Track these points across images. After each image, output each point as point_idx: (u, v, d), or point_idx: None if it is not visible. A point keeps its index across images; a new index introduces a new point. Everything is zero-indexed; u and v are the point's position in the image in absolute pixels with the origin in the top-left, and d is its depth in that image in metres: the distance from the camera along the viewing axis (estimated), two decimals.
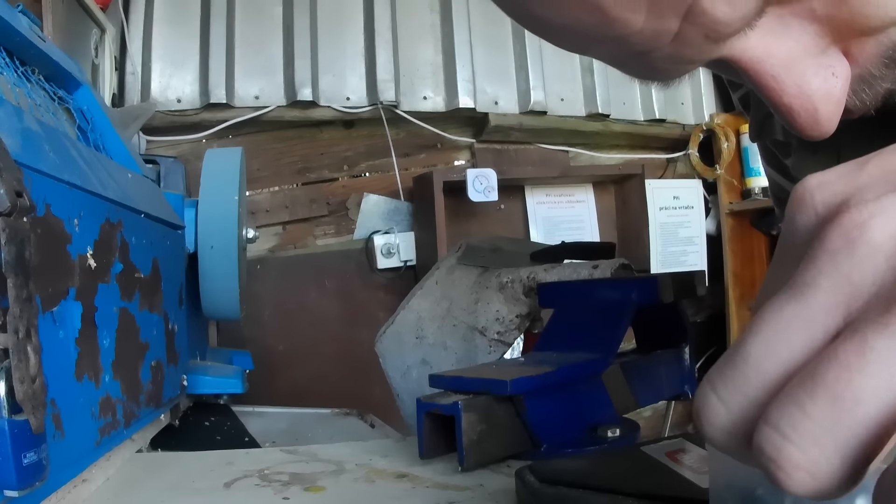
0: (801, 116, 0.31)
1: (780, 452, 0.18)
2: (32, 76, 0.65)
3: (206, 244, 0.91)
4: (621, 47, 0.30)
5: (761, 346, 0.20)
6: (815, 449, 0.17)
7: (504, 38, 2.01)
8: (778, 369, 0.19)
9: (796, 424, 0.18)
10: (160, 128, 1.70)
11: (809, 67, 0.30)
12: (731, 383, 0.20)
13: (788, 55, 0.30)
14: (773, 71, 0.30)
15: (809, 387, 0.18)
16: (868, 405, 0.17)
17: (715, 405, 0.20)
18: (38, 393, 0.38)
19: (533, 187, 2.06)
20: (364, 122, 1.90)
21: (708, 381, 0.20)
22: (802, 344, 0.19)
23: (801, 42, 0.30)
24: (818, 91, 0.30)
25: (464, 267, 0.77)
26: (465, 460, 0.48)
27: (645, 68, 0.32)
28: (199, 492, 0.49)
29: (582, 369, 0.55)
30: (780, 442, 0.18)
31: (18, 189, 0.37)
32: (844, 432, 0.17)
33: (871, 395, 0.17)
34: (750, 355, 0.20)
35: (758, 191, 2.13)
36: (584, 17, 0.29)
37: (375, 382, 1.32)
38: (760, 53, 0.30)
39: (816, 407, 0.18)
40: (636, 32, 0.29)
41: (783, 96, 0.31)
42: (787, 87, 0.30)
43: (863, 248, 0.19)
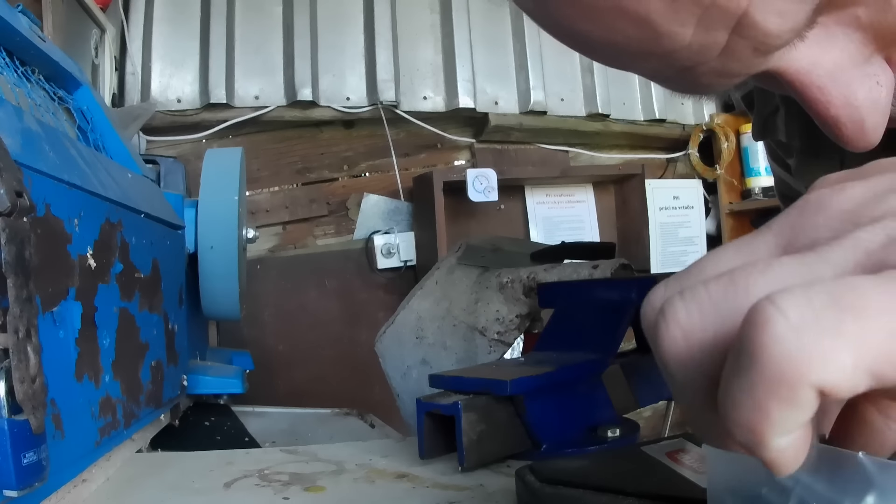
0: (847, 128, 0.30)
1: (669, 306, 0.19)
2: (32, 76, 0.65)
3: (206, 244, 0.91)
4: (666, 63, 0.29)
5: (708, 259, 0.21)
6: (697, 313, 0.19)
7: (504, 38, 2.01)
8: (714, 271, 0.20)
9: (694, 290, 0.19)
10: (160, 128, 1.70)
11: (855, 77, 0.30)
12: (675, 279, 0.21)
13: (834, 65, 0.30)
14: (820, 82, 0.30)
15: (720, 274, 0.19)
16: (752, 298, 0.18)
17: (659, 290, 0.21)
18: (38, 393, 0.37)
19: (533, 187, 2.06)
20: (364, 122, 1.90)
21: (662, 281, 0.22)
22: (751, 256, 0.21)
23: (846, 51, 0.30)
24: (864, 101, 0.30)
25: (464, 267, 0.77)
26: (465, 460, 0.48)
27: (689, 83, 0.31)
28: (199, 492, 0.49)
29: (582, 369, 0.55)
30: (675, 299, 0.19)
31: (18, 189, 0.37)
32: (723, 309, 0.18)
33: (758, 293, 0.18)
34: (697, 263, 0.21)
35: (758, 191, 2.13)
36: (631, 32, 0.28)
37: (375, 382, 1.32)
38: (806, 64, 0.30)
39: (716, 284, 0.19)
40: (684, 47, 0.28)
41: (830, 108, 0.30)
42: (833, 98, 0.30)
43: (811, 206, 0.21)
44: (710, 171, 2.20)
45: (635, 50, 0.29)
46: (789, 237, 0.20)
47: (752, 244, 0.21)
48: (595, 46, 0.30)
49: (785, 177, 0.65)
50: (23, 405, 0.36)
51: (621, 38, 0.28)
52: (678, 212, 2.18)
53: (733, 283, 0.19)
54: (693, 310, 0.19)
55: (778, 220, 0.21)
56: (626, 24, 0.28)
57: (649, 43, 0.28)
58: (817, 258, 0.19)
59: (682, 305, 0.19)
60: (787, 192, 0.67)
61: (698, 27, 0.27)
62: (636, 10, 0.27)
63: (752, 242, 0.21)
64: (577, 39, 0.31)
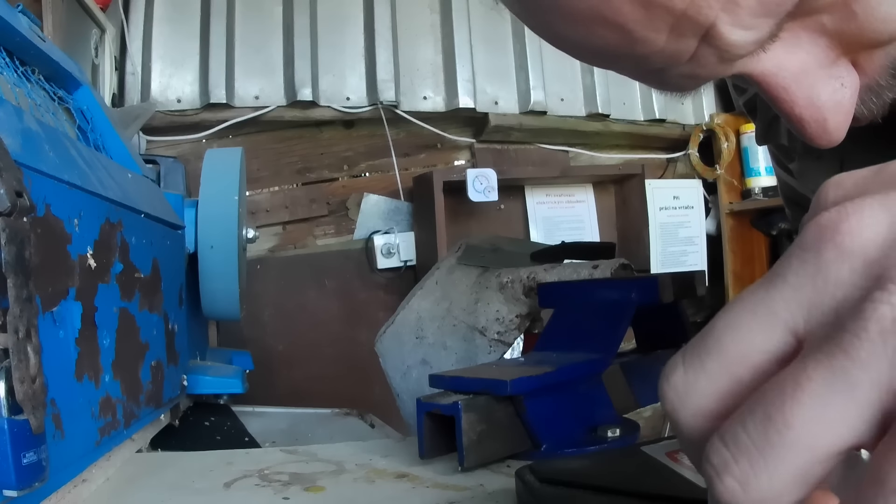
0: (811, 126, 0.32)
1: (716, 457, 0.19)
2: (32, 76, 0.65)
3: (206, 244, 0.91)
4: (642, 65, 0.31)
5: (727, 322, 0.21)
6: (745, 461, 0.19)
7: (504, 38, 2.01)
8: (737, 352, 0.20)
9: (736, 436, 0.19)
10: (160, 128, 1.70)
11: (820, 79, 0.31)
12: (695, 353, 0.21)
13: (800, 67, 0.31)
14: (785, 83, 0.31)
15: (752, 405, 0.19)
16: (796, 431, 0.18)
17: (678, 368, 0.21)
18: (38, 393, 0.37)
19: (533, 187, 2.06)
20: (364, 122, 1.90)
21: (682, 349, 0.22)
22: (761, 333, 0.20)
23: (811, 54, 0.31)
24: (828, 102, 0.31)
25: (464, 267, 0.77)
26: (465, 460, 0.48)
27: (662, 83, 0.34)
28: (199, 492, 0.49)
29: (582, 369, 0.55)
30: (720, 448, 0.19)
31: (18, 189, 0.37)
32: (771, 451, 0.18)
33: (800, 422, 0.18)
34: (716, 329, 0.21)
35: (758, 191, 2.13)
36: (609, 37, 0.30)
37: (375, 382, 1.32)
38: (772, 66, 0.31)
39: (753, 423, 0.19)
40: (657, 52, 0.30)
41: (794, 107, 0.31)
42: (798, 98, 0.31)
43: (829, 253, 0.20)
44: (710, 171, 2.20)
45: (613, 52, 0.31)
46: (811, 298, 0.20)
47: (770, 306, 0.20)
48: (580, 50, 0.33)
49: (789, 181, 0.65)
50: (23, 405, 0.36)
51: (600, 42, 0.31)
52: (678, 212, 2.18)
53: (771, 421, 0.18)
54: (743, 463, 0.19)
55: (795, 269, 0.20)
56: (604, 30, 0.30)
57: (625, 47, 0.30)
58: (849, 361, 0.18)
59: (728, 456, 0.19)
60: (792, 195, 0.67)
61: (670, 35, 0.29)
62: (614, 18, 0.29)
63: (771, 304, 0.20)
64: (561, 41, 0.33)
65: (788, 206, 0.70)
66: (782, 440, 0.18)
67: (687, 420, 0.21)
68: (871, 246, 0.19)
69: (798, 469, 0.18)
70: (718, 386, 0.21)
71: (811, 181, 0.61)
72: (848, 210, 0.20)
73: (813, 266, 0.20)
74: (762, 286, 0.21)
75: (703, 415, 0.21)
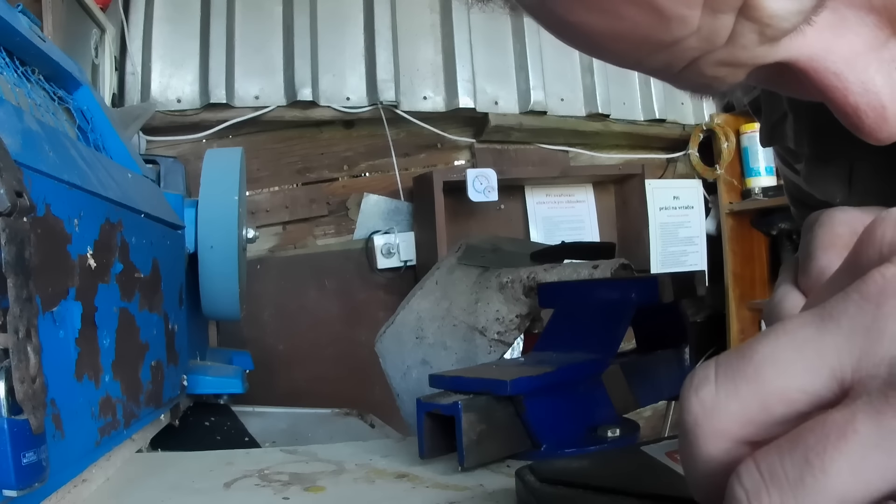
0: (868, 117, 0.28)
1: (749, 481, 0.19)
2: (32, 76, 0.65)
3: (206, 244, 0.91)
4: (675, 55, 0.28)
5: (770, 353, 0.20)
6: (777, 495, 0.19)
7: (504, 38, 2.01)
8: (776, 387, 0.20)
9: (772, 467, 0.19)
10: (160, 128, 1.70)
11: (872, 62, 0.28)
12: (731, 372, 0.21)
13: (850, 51, 0.28)
14: (836, 68, 0.28)
15: (794, 441, 0.19)
16: (832, 481, 0.18)
17: (710, 383, 0.21)
18: (38, 393, 0.37)
19: (533, 187, 2.07)
20: (364, 122, 1.90)
21: (715, 360, 0.21)
22: (805, 373, 0.20)
23: (860, 35, 0.28)
24: (884, 88, 0.28)
25: (464, 267, 0.77)
26: (465, 460, 0.48)
27: (699, 77, 0.30)
28: (199, 492, 0.49)
29: (582, 369, 0.55)
30: (754, 473, 0.19)
31: (18, 189, 0.37)
32: (804, 493, 0.18)
33: (837, 471, 0.18)
34: (757, 355, 0.21)
35: (758, 191, 2.13)
36: (638, 19, 0.27)
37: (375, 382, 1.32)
38: (819, 51, 0.28)
39: (791, 461, 0.19)
40: (692, 33, 0.27)
41: (849, 95, 0.28)
42: (851, 84, 0.28)
43: (890, 308, 0.19)
44: (710, 171, 2.20)
45: (642, 40, 0.28)
46: (864, 348, 0.19)
47: (820, 349, 0.20)
48: (600, 40, 0.29)
49: (796, 179, 0.64)
50: (23, 405, 0.36)
51: (628, 26, 0.27)
52: (678, 212, 2.18)
53: (809, 465, 0.18)
54: (775, 496, 0.19)
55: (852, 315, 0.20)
56: (631, 9, 0.27)
57: (657, 29, 0.27)
58: None
59: (762, 485, 0.19)
60: (798, 194, 0.66)
61: (705, 9, 0.26)
62: None
63: (821, 347, 0.20)
64: (580, 34, 0.29)
65: (794, 204, 0.69)
66: (816, 485, 0.18)
67: (707, 437, 0.21)
68: None
69: None
70: (749, 414, 0.20)
71: (818, 184, 0.60)
72: None
73: (871, 317, 0.19)
74: (812, 324, 0.20)
75: (725, 437, 0.21)
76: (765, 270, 2.23)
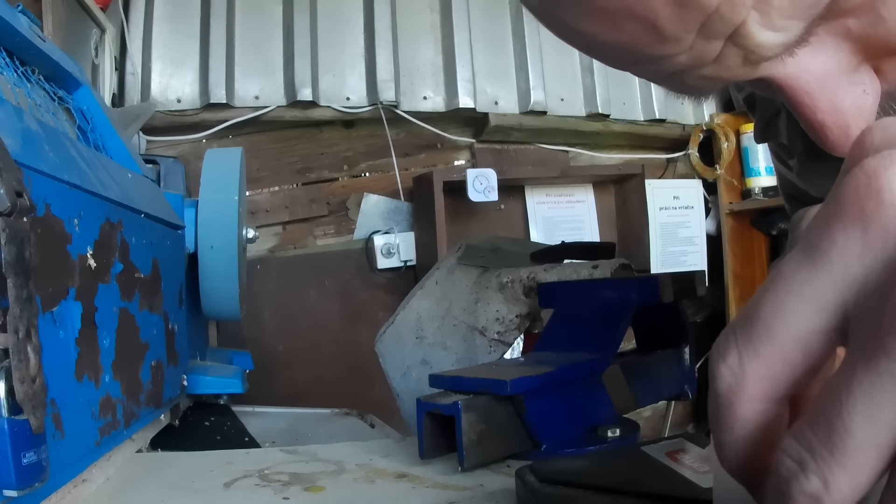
0: (833, 133, 0.31)
1: (794, 452, 0.20)
2: (32, 76, 0.65)
3: (206, 244, 0.91)
4: (664, 66, 0.30)
5: (774, 305, 0.21)
6: (823, 463, 0.19)
7: (504, 38, 2.01)
8: (788, 337, 0.21)
9: (808, 443, 0.20)
10: (160, 128, 1.70)
11: (842, 85, 0.31)
12: (746, 335, 0.22)
13: (823, 72, 0.30)
14: (808, 87, 0.31)
15: (815, 412, 0.20)
16: (859, 433, 0.19)
17: (732, 350, 0.22)
18: (38, 393, 0.38)
19: (533, 187, 2.06)
20: (364, 122, 1.90)
21: (731, 326, 0.22)
22: (811, 315, 0.21)
23: (834, 59, 0.30)
24: (850, 108, 0.31)
25: (464, 267, 0.77)
26: (465, 460, 0.48)
27: (680, 85, 0.32)
28: (199, 492, 0.49)
29: (582, 369, 0.55)
30: (799, 451, 0.20)
31: (18, 189, 0.37)
32: (843, 456, 0.19)
33: (858, 426, 0.19)
34: (763, 311, 0.22)
35: (758, 191, 2.13)
36: (638, 35, 0.29)
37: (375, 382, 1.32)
38: (795, 70, 0.30)
39: (821, 430, 0.20)
40: (684, 51, 0.29)
41: (817, 113, 0.31)
42: (820, 103, 0.31)
43: (876, 229, 0.20)
44: (710, 171, 2.20)
45: (638, 52, 0.30)
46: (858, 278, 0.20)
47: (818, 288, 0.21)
48: (599, 47, 0.31)
49: (790, 176, 0.65)
50: (23, 405, 0.36)
51: (627, 40, 0.29)
52: (678, 212, 2.18)
53: (834, 430, 0.19)
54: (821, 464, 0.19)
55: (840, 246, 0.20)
56: (634, 26, 0.29)
57: (652, 46, 0.29)
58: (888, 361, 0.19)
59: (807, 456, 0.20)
60: (792, 191, 0.67)
61: (699, 33, 0.28)
62: (646, 14, 0.28)
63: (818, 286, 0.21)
64: (581, 40, 0.31)
65: (788, 201, 0.70)
66: (847, 444, 0.19)
67: (742, 402, 0.22)
68: None
69: (875, 469, 0.19)
70: (774, 371, 0.21)
71: (812, 180, 0.61)
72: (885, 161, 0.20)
73: (860, 243, 0.20)
74: (804, 264, 0.21)
75: (759, 398, 0.21)
76: (765, 270, 2.23)
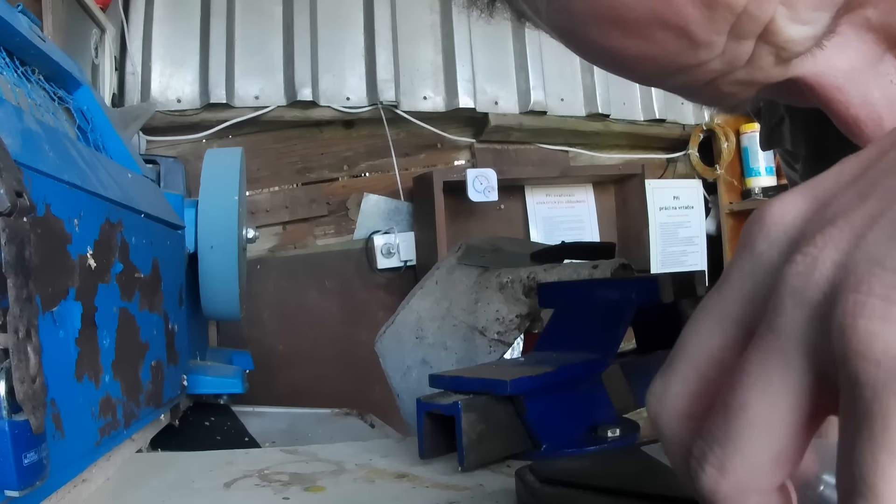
0: (867, 127, 0.31)
1: (697, 450, 0.21)
2: (32, 76, 0.65)
3: (206, 244, 0.91)
4: (698, 75, 0.30)
5: (690, 328, 0.23)
6: (718, 448, 0.20)
7: (504, 38, 2.01)
8: (699, 353, 0.22)
9: (709, 430, 0.21)
10: (160, 128, 1.70)
11: (870, 77, 0.30)
12: (668, 359, 0.23)
13: (850, 66, 0.30)
14: (838, 83, 0.30)
15: (716, 403, 0.21)
16: (751, 411, 0.19)
17: (658, 381, 0.23)
18: (38, 393, 0.38)
19: (533, 187, 2.06)
20: (364, 122, 1.90)
21: (661, 369, 0.23)
22: (715, 331, 0.22)
23: (859, 52, 0.30)
24: (881, 100, 0.30)
25: (464, 267, 0.77)
26: (465, 460, 0.48)
27: (716, 93, 0.32)
28: (199, 492, 0.49)
29: (582, 369, 0.55)
30: (699, 443, 0.21)
31: (18, 189, 0.37)
32: (736, 434, 0.20)
33: (751, 403, 0.19)
34: (682, 335, 0.23)
35: (758, 191, 2.13)
36: (669, 44, 0.29)
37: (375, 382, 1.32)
38: (823, 67, 0.30)
39: (718, 414, 0.20)
40: (717, 56, 0.29)
41: (850, 108, 0.31)
42: (852, 97, 0.30)
43: (760, 244, 0.21)
44: (710, 171, 2.20)
45: (670, 63, 0.30)
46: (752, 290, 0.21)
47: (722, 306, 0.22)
48: (628, 62, 0.31)
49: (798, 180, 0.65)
50: (23, 405, 0.36)
51: (658, 50, 0.29)
52: (678, 212, 2.18)
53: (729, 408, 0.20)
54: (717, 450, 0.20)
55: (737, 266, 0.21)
56: (664, 35, 0.29)
57: (685, 54, 0.29)
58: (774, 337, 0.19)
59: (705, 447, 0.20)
60: None
61: (731, 35, 0.28)
62: (675, 20, 0.28)
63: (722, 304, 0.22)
64: (610, 56, 0.31)
65: None
66: (741, 423, 0.20)
67: (667, 422, 0.22)
68: (791, 224, 0.20)
69: (765, 447, 0.19)
70: (690, 387, 0.22)
71: None
72: (771, 202, 0.21)
73: (749, 260, 0.21)
74: (715, 290, 0.22)
75: (681, 415, 0.22)
76: None
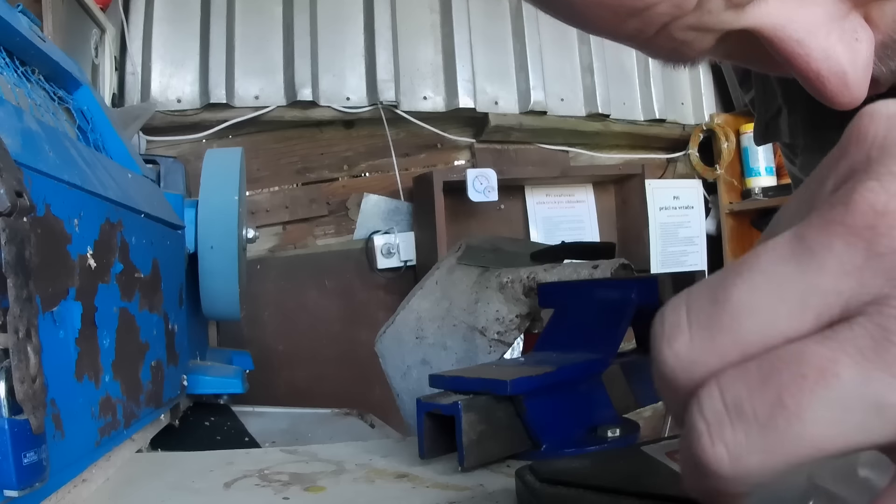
0: (830, 82, 0.30)
1: (711, 411, 0.18)
2: (32, 76, 0.65)
3: (206, 244, 0.91)
4: (647, 20, 0.30)
5: (746, 297, 0.18)
6: (742, 432, 0.17)
7: (504, 38, 2.01)
8: (756, 336, 0.18)
9: (738, 404, 0.17)
10: (160, 128, 1.70)
11: (833, 32, 0.29)
12: (705, 321, 0.19)
13: (812, 20, 0.29)
14: (798, 36, 0.29)
15: (764, 375, 0.17)
16: (810, 427, 0.17)
17: (683, 332, 0.19)
18: (38, 393, 0.37)
19: (533, 187, 2.06)
20: (364, 122, 1.90)
21: (686, 303, 0.19)
22: (788, 319, 0.18)
23: (822, 6, 0.29)
24: (844, 54, 0.29)
25: (464, 267, 0.77)
26: (465, 460, 0.48)
27: (669, 40, 0.31)
28: (199, 492, 0.49)
29: (582, 369, 0.55)
30: (719, 414, 0.17)
31: (18, 189, 0.37)
32: (773, 435, 0.17)
33: (814, 419, 0.17)
34: (732, 301, 0.19)
35: (758, 191, 2.13)
36: None
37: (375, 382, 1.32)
38: (782, 20, 0.29)
39: (761, 397, 0.17)
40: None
41: (810, 61, 0.29)
42: (812, 51, 0.29)
43: (883, 248, 0.17)
44: (710, 171, 2.20)
45: (618, 6, 0.30)
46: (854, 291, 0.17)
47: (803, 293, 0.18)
48: (580, 8, 0.31)
49: (798, 174, 0.65)
50: (23, 405, 0.36)
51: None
52: (678, 212, 2.18)
53: (783, 407, 0.17)
54: (740, 433, 0.17)
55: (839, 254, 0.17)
56: None
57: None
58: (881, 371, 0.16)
59: (726, 418, 0.17)
60: None
61: None
62: None
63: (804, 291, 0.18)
64: (566, 6, 0.31)
65: None
66: (789, 430, 0.17)
67: (688, 391, 0.19)
68: None
69: (794, 460, 0.17)
70: (729, 363, 0.18)
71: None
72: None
73: (863, 257, 0.17)
74: (790, 261, 0.18)
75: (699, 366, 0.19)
76: None
